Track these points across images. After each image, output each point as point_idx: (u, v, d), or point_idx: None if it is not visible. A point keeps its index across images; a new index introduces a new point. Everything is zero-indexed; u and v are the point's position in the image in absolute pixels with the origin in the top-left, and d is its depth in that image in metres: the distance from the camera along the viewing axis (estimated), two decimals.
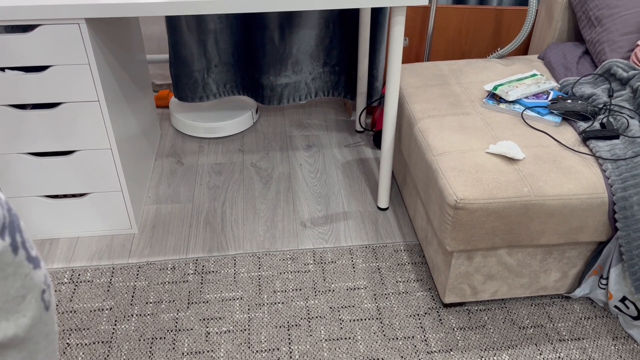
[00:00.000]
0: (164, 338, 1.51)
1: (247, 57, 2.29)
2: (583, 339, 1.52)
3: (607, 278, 1.49)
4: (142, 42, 2.11)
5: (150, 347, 1.49)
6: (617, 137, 1.48)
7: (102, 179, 1.72)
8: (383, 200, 1.94)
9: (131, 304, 1.61)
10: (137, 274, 1.70)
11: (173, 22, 2.16)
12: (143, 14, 1.40)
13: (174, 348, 1.49)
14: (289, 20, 2.17)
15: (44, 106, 1.61)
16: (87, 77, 1.52)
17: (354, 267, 1.73)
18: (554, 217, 1.38)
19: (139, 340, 1.51)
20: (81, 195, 1.77)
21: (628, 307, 1.49)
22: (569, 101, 1.60)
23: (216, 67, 2.30)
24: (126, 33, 1.86)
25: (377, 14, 2.17)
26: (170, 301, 1.62)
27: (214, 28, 2.19)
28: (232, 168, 2.16)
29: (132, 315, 1.58)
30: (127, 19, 1.88)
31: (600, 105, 1.59)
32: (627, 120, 1.51)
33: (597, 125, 1.54)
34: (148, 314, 1.58)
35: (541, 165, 1.43)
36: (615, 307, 1.53)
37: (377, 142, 2.27)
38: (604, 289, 1.53)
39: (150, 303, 1.61)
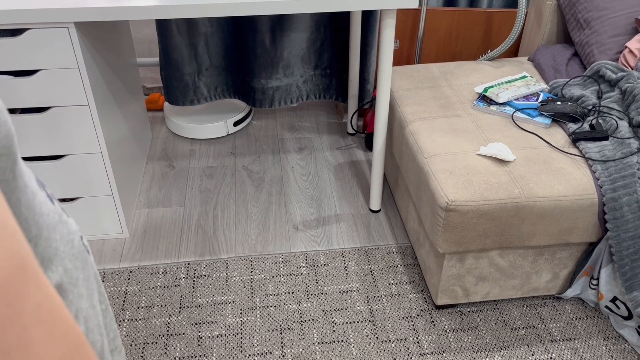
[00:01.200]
0: (156, 343, 1.50)
1: (238, 60, 2.28)
2: (574, 339, 1.53)
3: (598, 278, 1.50)
4: (132, 46, 2.10)
5: (142, 352, 1.48)
6: (606, 138, 1.49)
7: (92, 184, 1.71)
8: (375, 203, 1.94)
9: (122, 309, 1.60)
10: (129, 279, 1.69)
11: (163, 26, 2.15)
12: (132, 18, 1.40)
13: (165, 353, 1.48)
14: (279, 23, 2.17)
15: (33, 110, 1.60)
16: (76, 81, 1.51)
17: (346, 270, 1.73)
18: (545, 218, 1.39)
19: (131, 345, 1.50)
20: (71, 199, 1.75)
21: (619, 307, 1.50)
22: (559, 103, 1.61)
23: (207, 71, 2.29)
24: (116, 36, 1.85)
25: (368, 16, 2.17)
26: (162, 306, 1.61)
27: (204, 31, 2.19)
28: (224, 171, 2.15)
29: (124, 320, 1.57)
30: (116, 22, 1.88)
31: (590, 107, 1.60)
32: (616, 122, 1.53)
33: (586, 126, 1.55)
34: (140, 319, 1.57)
35: (531, 167, 1.43)
36: (606, 307, 1.54)
37: (368, 145, 2.27)
38: (594, 289, 1.54)
39: (142, 308, 1.60)
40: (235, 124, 2.35)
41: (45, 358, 0.29)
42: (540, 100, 1.67)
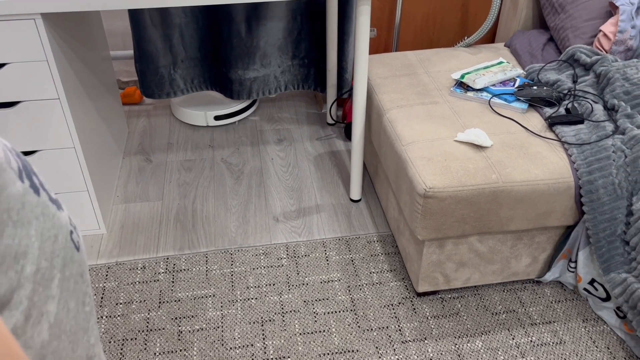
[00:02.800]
0: (135, 339, 1.48)
1: (214, 52, 2.25)
2: (554, 322, 1.54)
3: (576, 261, 1.51)
4: (105, 38, 2.06)
5: (121, 349, 1.46)
6: (581, 122, 1.50)
7: (66, 179, 1.67)
8: (355, 192, 1.93)
9: (100, 306, 1.57)
10: (107, 275, 1.66)
11: (136, 17, 2.11)
12: (101, 8, 1.37)
13: (145, 349, 1.46)
14: (255, 13, 2.14)
15: (2, 105, 1.55)
16: (45, 75, 1.47)
17: (327, 260, 1.72)
18: (523, 202, 1.40)
19: (110, 342, 1.48)
20: None
21: (597, 289, 1.52)
22: (535, 88, 1.62)
23: (183, 62, 2.26)
24: (87, 28, 1.81)
25: (344, 5, 2.15)
26: (141, 301, 1.59)
27: (179, 22, 2.15)
28: (202, 164, 2.13)
29: (102, 317, 1.54)
30: (86, 13, 1.83)
31: (565, 91, 1.61)
32: (591, 105, 1.53)
33: (562, 110, 1.55)
34: (118, 315, 1.55)
35: (509, 152, 1.43)
36: (585, 289, 1.55)
37: (348, 134, 2.26)
38: (573, 272, 1.55)
39: (121, 304, 1.58)
40: (217, 118, 2.31)
41: None
42: (516, 85, 1.68)
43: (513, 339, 1.50)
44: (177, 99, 2.38)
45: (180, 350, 1.46)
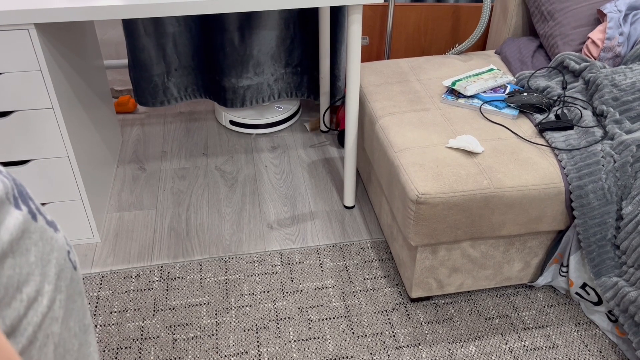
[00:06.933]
0: (130, 347, 1.48)
1: (207, 60, 2.26)
2: (547, 326, 1.55)
3: (568, 266, 1.52)
4: (98, 47, 2.07)
5: (116, 358, 1.46)
6: (571, 127, 1.52)
7: (60, 188, 1.67)
8: (349, 199, 1.94)
9: (95, 315, 1.57)
10: (101, 284, 1.66)
11: (130, 26, 2.12)
12: (94, 18, 1.38)
13: (140, 357, 1.46)
14: (248, 21, 2.15)
15: None
16: (39, 84, 1.48)
17: (321, 267, 1.73)
18: (514, 208, 1.41)
19: (104, 351, 1.48)
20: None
21: (588, 293, 1.53)
22: (525, 94, 1.64)
23: (176, 71, 2.27)
24: (80, 38, 1.82)
25: (337, 13, 2.17)
26: (135, 310, 1.59)
27: (172, 31, 2.17)
28: (196, 172, 2.13)
29: (96, 325, 1.54)
30: (80, 23, 1.84)
31: (555, 97, 1.63)
32: (581, 111, 1.55)
33: (552, 116, 1.57)
34: (112, 324, 1.55)
35: (500, 158, 1.45)
36: (577, 293, 1.56)
37: (341, 141, 2.27)
38: (564, 276, 1.56)
39: (115, 312, 1.58)
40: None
41: None
42: (507, 92, 1.70)
43: (506, 343, 1.51)
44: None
45: (175, 359, 1.46)
